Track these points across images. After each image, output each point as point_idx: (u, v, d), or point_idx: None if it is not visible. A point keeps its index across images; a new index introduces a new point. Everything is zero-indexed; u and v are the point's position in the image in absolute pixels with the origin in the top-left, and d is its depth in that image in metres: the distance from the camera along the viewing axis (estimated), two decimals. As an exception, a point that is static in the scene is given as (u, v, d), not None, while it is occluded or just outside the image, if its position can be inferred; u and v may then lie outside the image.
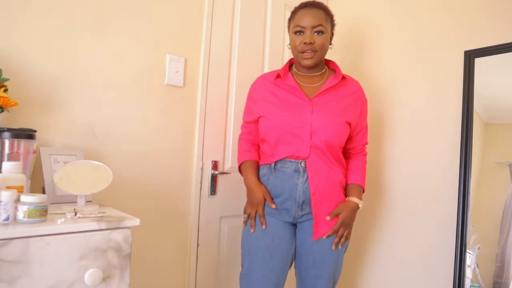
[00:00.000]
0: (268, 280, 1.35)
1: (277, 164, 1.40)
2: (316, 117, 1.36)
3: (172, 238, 1.62)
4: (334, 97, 1.41)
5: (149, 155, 1.54)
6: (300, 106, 1.38)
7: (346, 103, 1.42)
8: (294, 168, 1.37)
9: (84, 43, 1.37)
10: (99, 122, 1.41)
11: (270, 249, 1.37)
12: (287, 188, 1.38)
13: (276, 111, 1.39)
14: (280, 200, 1.39)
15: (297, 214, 1.39)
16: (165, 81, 1.57)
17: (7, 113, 1.18)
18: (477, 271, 1.48)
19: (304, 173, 1.36)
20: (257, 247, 1.38)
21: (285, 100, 1.40)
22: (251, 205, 1.42)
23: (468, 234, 1.50)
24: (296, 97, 1.40)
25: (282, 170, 1.39)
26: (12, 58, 1.23)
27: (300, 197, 1.37)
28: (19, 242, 0.84)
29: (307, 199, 1.37)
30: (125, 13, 1.47)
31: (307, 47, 1.37)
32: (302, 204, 1.38)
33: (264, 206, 1.41)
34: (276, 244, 1.37)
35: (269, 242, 1.37)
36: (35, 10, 1.27)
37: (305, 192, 1.37)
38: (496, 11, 1.53)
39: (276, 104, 1.40)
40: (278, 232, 1.39)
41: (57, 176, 1.09)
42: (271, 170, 1.41)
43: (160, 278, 1.59)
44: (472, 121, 1.53)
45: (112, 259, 0.96)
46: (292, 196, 1.38)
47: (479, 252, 1.48)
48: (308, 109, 1.37)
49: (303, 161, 1.36)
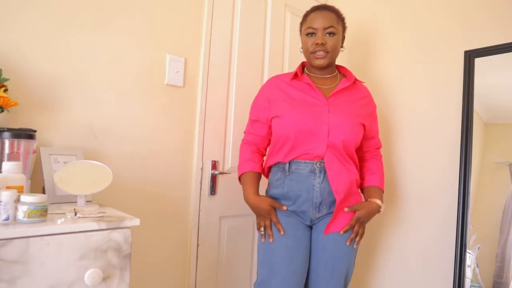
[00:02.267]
0: (291, 283, 1.31)
1: (292, 166, 1.37)
2: (333, 116, 1.35)
3: (172, 238, 1.62)
4: (348, 99, 1.41)
5: (149, 155, 1.54)
6: (316, 106, 1.37)
7: (359, 105, 1.43)
8: (310, 169, 1.35)
9: (84, 43, 1.37)
10: (99, 122, 1.41)
11: (292, 251, 1.33)
12: (303, 190, 1.35)
13: (292, 111, 1.37)
14: (298, 203, 1.37)
15: (314, 216, 1.37)
16: (165, 81, 1.57)
17: (7, 113, 1.18)
18: (477, 271, 1.48)
19: (320, 174, 1.35)
20: (277, 249, 1.33)
21: (301, 100, 1.39)
22: (261, 217, 1.38)
23: (468, 234, 1.50)
24: (311, 97, 1.39)
25: (297, 172, 1.37)
26: (12, 58, 1.23)
27: (317, 198, 1.35)
28: (19, 242, 0.84)
29: (324, 200, 1.36)
30: (125, 13, 1.47)
31: (319, 48, 1.38)
32: (320, 206, 1.36)
33: (276, 211, 1.39)
34: (298, 245, 1.35)
35: (290, 243, 1.34)
36: (35, 10, 1.27)
37: (322, 193, 1.35)
38: (496, 11, 1.53)
39: (292, 105, 1.38)
40: (297, 231, 1.36)
41: (57, 176, 1.09)
42: (286, 173, 1.39)
43: (160, 278, 1.59)
44: (472, 121, 1.53)
45: (112, 259, 0.96)
46: (309, 197, 1.35)
47: (479, 252, 1.48)
48: (325, 109, 1.36)
49: (319, 161, 1.34)
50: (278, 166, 1.41)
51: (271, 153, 1.46)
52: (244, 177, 1.44)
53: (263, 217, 1.37)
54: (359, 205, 1.37)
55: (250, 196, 1.39)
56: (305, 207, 1.36)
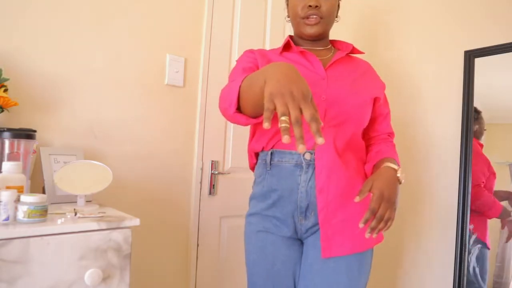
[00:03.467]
0: None
1: (274, 157, 1.08)
2: (332, 90, 1.05)
3: (172, 238, 1.62)
4: (348, 71, 1.12)
5: (149, 155, 1.54)
6: (313, 78, 1.06)
7: (363, 78, 1.14)
8: (296, 161, 1.04)
9: (84, 43, 1.37)
10: (99, 122, 1.41)
11: (271, 277, 1.06)
12: (286, 189, 1.05)
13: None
14: (278, 207, 1.07)
15: (300, 224, 1.06)
16: (165, 81, 1.57)
17: (7, 113, 1.18)
18: (477, 271, 1.48)
19: (308, 168, 1.03)
20: (256, 275, 1.09)
21: None
22: (288, 95, 0.66)
23: (468, 234, 1.50)
24: (307, 68, 1.08)
25: (280, 165, 1.07)
26: (12, 58, 1.23)
27: (302, 201, 1.04)
28: (19, 242, 0.84)
29: (312, 204, 1.03)
30: (125, 13, 1.47)
31: (311, 11, 1.09)
32: (306, 211, 1.04)
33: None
34: (278, 270, 1.06)
35: (269, 267, 1.07)
36: (35, 10, 1.27)
37: (309, 194, 1.03)
38: (496, 11, 1.53)
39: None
40: (279, 253, 1.07)
41: (57, 176, 1.09)
42: (267, 167, 1.09)
43: (160, 278, 1.59)
44: (472, 121, 1.53)
45: (112, 259, 0.96)
46: (293, 200, 1.05)
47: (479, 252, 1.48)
48: (323, 82, 1.06)
49: (309, 152, 1.03)
50: (261, 158, 1.13)
51: (256, 133, 1.15)
52: (246, 79, 0.85)
53: (291, 97, 0.66)
54: (368, 181, 0.98)
55: (273, 63, 0.78)
56: (287, 213, 1.06)
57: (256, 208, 1.12)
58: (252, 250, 1.10)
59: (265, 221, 1.09)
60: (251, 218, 1.14)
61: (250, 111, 0.86)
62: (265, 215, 1.09)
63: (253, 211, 1.13)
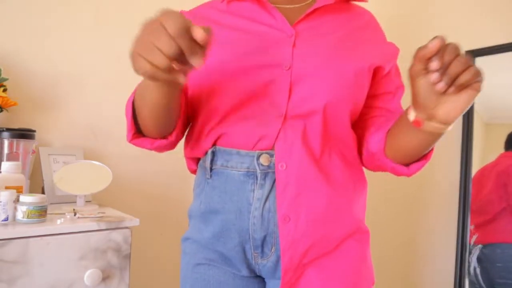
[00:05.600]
0: None
1: (216, 159, 0.72)
2: (303, 55, 0.67)
3: (172, 238, 1.62)
4: (333, 25, 0.73)
5: (149, 154, 1.53)
6: (268, 37, 0.69)
7: (357, 36, 0.75)
8: (247, 167, 0.68)
9: (84, 42, 1.37)
10: (98, 122, 1.41)
11: None
12: (232, 210, 0.69)
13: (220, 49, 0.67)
14: (221, 237, 0.71)
15: (256, 263, 0.71)
16: (165, 81, 1.57)
17: (6, 113, 1.18)
18: (477, 271, 1.47)
19: (266, 178, 0.67)
20: None
21: (240, 30, 0.71)
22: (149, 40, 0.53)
23: (468, 234, 1.50)
24: (261, 23, 0.71)
25: (224, 172, 0.71)
26: (12, 58, 1.22)
27: (256, 231, 0.68)
28: (18, 242, 0.83)
29: (271, 235, 0.68)
30: (125, 13, 1.46)
31: None
32: (263, 244, 0.69)
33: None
34: None
35: None
36: (34, 10, 1.27)
37: (267, 221, 0.67)
38: (496, 11, 1.53)
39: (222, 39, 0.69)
40: None
41: (56, 176, 1.09)
42: (206, 174, 0.74)
43: (160, 278, 1.59)
44: (473, 121, 1.53)
45: (112, 259, 0.96)
46: (243, 227, 0.69)
47: (479, 252, 1.48)
48: (286, 42, 0.69)
49: (265, 153, 0.67)
50: (201, 160, 0.80)
51: (189, 134, 0.83)
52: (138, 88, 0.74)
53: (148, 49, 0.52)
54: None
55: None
56: (232, 247, 0.70)
57: (193, 232, 0.79)
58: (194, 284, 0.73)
59: (206, 250, 0.74)
60: (186, 244, 0.80)
61: (153, 130, 0.67)
62: (204, 245, 0.75)
63: (189, 235, 0.80)
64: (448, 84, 0.53)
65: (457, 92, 0.54)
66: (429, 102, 0.57)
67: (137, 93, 0.68)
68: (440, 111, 0.57)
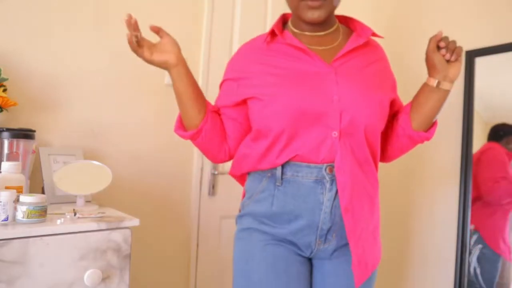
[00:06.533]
0: None
1: (287, 171, 0.90)
2: (345, 90, 0.87)
3: (172, 238, 1.62)
4: (361, 63, 0.93)
5: (149, 154, 1.54)
6: (317, 76, 0.88)
7: (376, 71, 0.96)
8: (316, 176, 0.88)
9: (84, 43, 1.37)
10: (98, 122, 1.41)
11: None
12: (306, 209, 0.89)
13: (281, 87, 0.87)
14: (294, 230, 0.91)
15: (317, 247, 0.92)
16: (165, 80, 1.57)
17: (6, 113, 1.18)
18: (477, 271, 1.47)
19: (332, 184, 0.88)
20: None
21: (293, 70, 0.89)
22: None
23: (468, 234, 1.50)
24: (305, 63, 0.89)
25: (296, 181, 0.89)
26: (12, 58, 1.22)
27: (325, 223, 0.89)
28: (18, 242, 0.83)
29: (335, 225, 0.90)
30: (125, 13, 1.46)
31: None
32: (327, 234, 0.90)
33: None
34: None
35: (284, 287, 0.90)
36: (35, 10, 1.27)
37: (333, 215, 0.89)
38: (496, 11, 1.53)
39: (279, 77, 0.89)
40: (291, 270, 0.92)
41: (56, 176, 1.09)
42: (276, 181, 0.91)
43: (160, 278, 1.59)
44: (473, 121, 1.53)
45: (111, 259, 0.96)
46: (314, 222, 0.89)
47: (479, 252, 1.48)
48: (331, 79, 0.87)
49: (329, 165, 0.88)
50: (268, 171, 0.94)
51: (249, 154, 0.97)
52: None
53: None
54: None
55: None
56: (305, 237, 0.91)
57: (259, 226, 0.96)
58: (257, 269, 0.93)
59: (280, 227, 0.92)
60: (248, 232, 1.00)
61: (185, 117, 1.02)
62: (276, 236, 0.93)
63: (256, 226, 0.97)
64: (451, 55, 0.91)
65: (455, 60, 0.91)
66: (443, 68, 0.91)
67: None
68: (449, 73, 0.91)
